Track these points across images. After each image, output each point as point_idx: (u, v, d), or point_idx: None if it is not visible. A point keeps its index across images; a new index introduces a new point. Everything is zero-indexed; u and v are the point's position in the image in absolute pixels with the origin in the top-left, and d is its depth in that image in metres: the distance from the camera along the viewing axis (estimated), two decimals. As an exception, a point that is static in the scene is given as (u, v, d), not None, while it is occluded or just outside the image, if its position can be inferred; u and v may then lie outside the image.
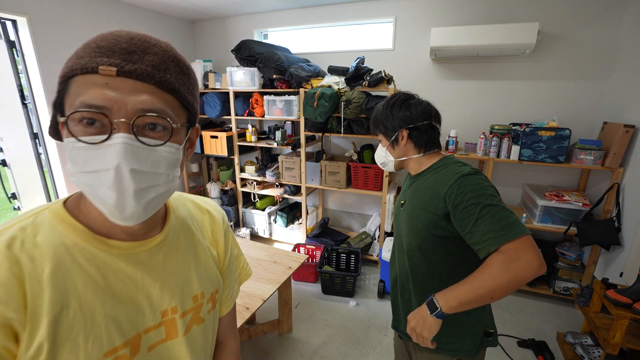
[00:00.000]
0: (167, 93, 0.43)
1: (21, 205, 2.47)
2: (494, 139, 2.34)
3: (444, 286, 0.91)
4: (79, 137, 0.40)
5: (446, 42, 2.35)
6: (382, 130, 1.05)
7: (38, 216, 0.45)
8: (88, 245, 0.45)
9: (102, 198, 0.41)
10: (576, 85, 2.39)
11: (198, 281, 0.56)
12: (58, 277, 0.42)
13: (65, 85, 0.41)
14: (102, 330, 0.43)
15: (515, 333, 2.12)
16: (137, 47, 0.41)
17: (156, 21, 3.20)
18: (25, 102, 2.36)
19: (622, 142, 1.99)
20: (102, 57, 0.39)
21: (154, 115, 0.41)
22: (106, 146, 0.39)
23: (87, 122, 0.40)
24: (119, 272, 0.47)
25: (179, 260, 0.54)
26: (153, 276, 0.50)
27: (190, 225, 0.59)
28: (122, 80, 0.39)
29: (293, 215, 3.34)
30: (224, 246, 0.64)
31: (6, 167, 2.37)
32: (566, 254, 2.36)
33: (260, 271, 1.84)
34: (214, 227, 0.63)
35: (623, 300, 1.55)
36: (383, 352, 1.97)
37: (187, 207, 0.61)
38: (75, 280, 0.43)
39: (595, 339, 1.87)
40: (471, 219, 0.80)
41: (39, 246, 0.42)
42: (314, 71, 2.76)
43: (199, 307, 0.56)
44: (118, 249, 0.47)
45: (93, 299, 0.44)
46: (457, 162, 0.96)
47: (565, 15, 2.30)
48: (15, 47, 2.28)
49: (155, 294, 0.50)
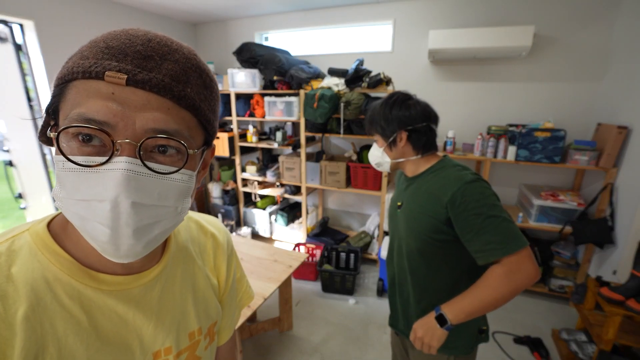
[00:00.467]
0: (185, 110, 0.35)
1: (27, 205, 2.52)
2: (491, 139, 2.38)
3: (442, 286, 0.96)
4: (72, 156, 0.32)
5: (444, 44, 2.39)
6: (379, 130, 1.00)
7: (16, 240, 0.37)
8: (73, 280, 0.37)
9: (93, 233, 0.33)
10: (571, 87, 2.43)
11: (195, 316, 0.49)
12: (34, 319, 0.34)
13: (63, 89, 0.33)
14: None
15: (511, 330, 2.15)
16: (154, 51, 0.34)
17: (159, 24, 3.24)
18: (32, 104, 2.40)
19: (615, 143, 2.03)
20: (110, 61, 0.32)
21: (167, 137, 0.34)
22: (104, 171, 0.32)
23: (84, 139, 0.32)
24: (107, 311, 0.39)
25: (175, 294, 0.47)
26: (146, 314, 0.43)
27: (191, 251, 0.52)
28: (132, 91, 0.32)
29: (293, 215, 3.38)
30: (226, 273, 0.57)
31: (13, 168, 2.42)
32: (561, 252, 2.40)
33: (261, 270, 1.88)
34: (217, 252, 0.56)
35: (616, 298, 1.58)
36: (382, 349, 2.01)
37: (189, 229, 0.54)
38: (54, 322, 0.35)
39: (589, 336, 1.90)
40: (473, 228, 0.82)
41: (13, 281, 0.34)
42: (314, 73, 2.80)
43: (195, 344, 0.49)
44: (108, 285, 0.39)
45: (75, 343, 0.36)
46: (455, 164, 0.95)
47: (560, 18, 2.34)
48: (22, 49, 2.33)
49: (148, 334, 0.43)
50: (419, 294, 1.00)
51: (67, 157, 0.32)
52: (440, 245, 0.92)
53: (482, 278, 0.83)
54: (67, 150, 0.33)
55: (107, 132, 0.32)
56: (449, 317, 0.84)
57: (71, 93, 0.33)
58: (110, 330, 0.39)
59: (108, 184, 0.32)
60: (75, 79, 0.32)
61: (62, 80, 0.33)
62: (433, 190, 0.91)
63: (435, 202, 0.89)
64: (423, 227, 0.92)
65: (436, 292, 0.97)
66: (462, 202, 0.83)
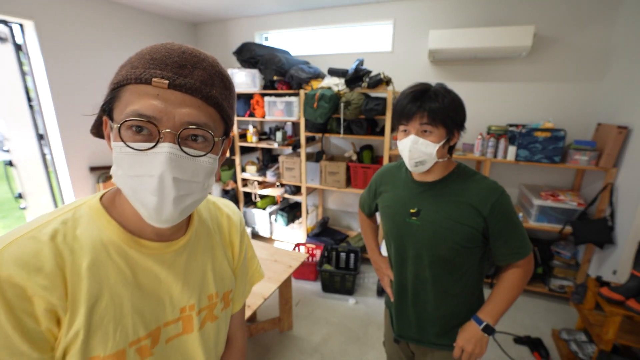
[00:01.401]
0: (211, 107, 0.45)
1: (27, 205, 2.52)
2: (491, 139, 2.38)
3: (461, 291, 0.98)
4: (128, 142, 0.42)
5: (444, 44, 2.39)
6: (448, 123, 0.85)
7: (77, 211, 0.48)
8: (121, 242, 0.48)
9: (144, 201, 0.44)
10: (571, 87, 2.43)
11: (214, 282, 0.59)
12: (94, 270, 0.45)
13: (117, 92, 0.43)
14: (128, 321, 0.47)
15: (512, 330, 2.15)
16: (187, 61, 0.44)
17: (159, 24, 3.24)
18: (32, 104, 2.40)
19: (615, 143, 2.03)
20: (155, 69, 0.42)
21: (198, 128, 0.44)
22: (152, 154, 0.42)
23: (136, 130, 0.42)
24: (146, 270, 0.50)
25: (198, 262, 0.58)
26: (176, 276, 0.53)
27: (210, 227, 0.62)
28: (171, 93, 0.42)
29: (293, 215, 3.38)
30: (239, 248, 0.67)
31: (13, 168, 2.42)
32: (561, 252, 2.40)
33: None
34: (232, 230, 0.66)
35: (616, 298, 1.58)
36: (382, 349, 2.00)
37: (209, 209, 0.65)
38: (108, 274, 0.46)
39: (589, 336, 1.90)
40: (504, 234, 0.91)
41: (78, 240, 0.45)
42: (314, 73, 2.80)
43: (213, 305, 0.59)
44: (147, 249, 0.50)
45: (122, 291, 0.47)
46: (474, 171, 0.96)
47: (560, 18, 2.34)
48: (22, 50, 2.33)
49: (177, 292, 0.53)
50: (439, 301, 0.99)
51: (125, 143, 0.42)
52: (470, 252, 0.93)
53: (507, 280, 0.94)
54: (124, 138, 0.43)
55: (155, 124, 0.42)
56: (492, 324, 0.93)
57: (125, 95, 0.43)
58: (148, 285, 0.50)
59: (156, 163, 0.42)
60: (129, 84, 0.42)
61: (118, 85, 0.43)
62: (466, 200, 0.90)
63: (472, 212, 0.89)
64: (457, 235, 0.90)
65: (454, 297, 0.98)
66: (499, 211, 0.88)
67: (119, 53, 2.88)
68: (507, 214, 0.89)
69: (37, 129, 2.46)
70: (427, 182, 0.96)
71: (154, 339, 0.50)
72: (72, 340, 0.42)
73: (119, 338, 0.46)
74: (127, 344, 0.47)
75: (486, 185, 0.91)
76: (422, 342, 1.04)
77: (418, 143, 0.87)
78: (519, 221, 0.92)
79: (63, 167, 2.56)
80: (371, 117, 2.63)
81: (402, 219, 0.98)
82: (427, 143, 0.86)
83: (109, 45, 2.79)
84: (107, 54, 2.78)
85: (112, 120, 0.44)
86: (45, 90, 2.39)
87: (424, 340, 1.04)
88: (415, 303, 1.02)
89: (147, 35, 3.13)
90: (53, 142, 2.52)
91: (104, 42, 2.75)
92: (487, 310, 0.94)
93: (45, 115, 2.45)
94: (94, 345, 0.44)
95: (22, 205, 2.50)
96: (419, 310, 1.02)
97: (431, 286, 0.98)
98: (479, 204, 0.89)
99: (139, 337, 0.48)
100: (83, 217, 0.48)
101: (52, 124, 2.46)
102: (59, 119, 2.45)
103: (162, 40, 0.47)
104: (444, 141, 0.87)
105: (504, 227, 0.90)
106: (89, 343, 0.43)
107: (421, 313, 1.02)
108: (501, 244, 0.92)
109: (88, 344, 0.43)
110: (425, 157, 0.88)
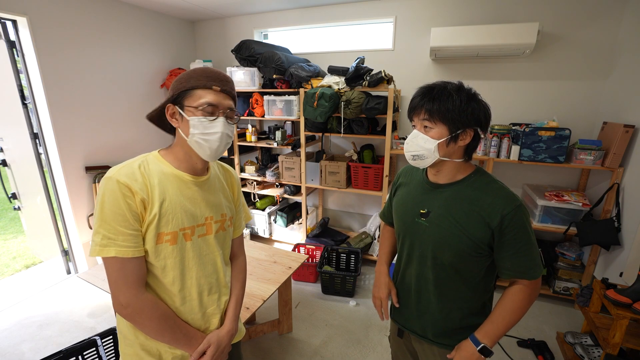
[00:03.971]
0: (233, 100, 0.86)
1: (21, 206, 2.47)
2: (494, 139, 2.34)
3: (466, 295, 0.95)
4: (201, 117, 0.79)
5: (446, 42, 2.35)
6: (448, 119, 0.84)
7: (146, 157, 0.82)
8: (175, 173, 0.83)
9: (211, 146, 0.81)
10: (576, 85, 2.39)
11: (224, 206, 0.93)
12: (161, 184, 0.79)
13: (187, 92, 0.79)
14: (180, 216, 0.80)
15: (515, 333, 2.12)
16: (225, 78, 0.83)
17: (157, 21, 3.20)
18: (26, 102, 2.36)
19: (622, 142, 1.99)
20: (213, 82, 0.80)
21: (233, 110, 0.85)
22: (216, 122, 0.80)
23: (206, 111, 0.79)
24: (189, 189, 0.84)
25: (216, 192, 0.92)
26: (202, 196, 0.87)
27: (219, 174, 0.97)
28: (221, 92, 0.81)
29: (293, 215, 3.34)
30: (237, 193, 1.03)
31: (6, 167, 2.38)
32: (566, 254, 2.37)
33: (260, 271, 1.84)
34: (232, 180, 1.02)
35: (623, 300, 1.55)
36: (383, 351, 1.97)
37: (216, 165, 0.99)
38: (169, 188, 0.80)
39: (595, 339, 1.87)
40: (511, 249, 0.85)
41: (151, 169, 0.80)
42: (314, 71, 2.76)
43: (223, 221, 0.92)
44: (189, 178, 0.85)
45: (176, 198, 0.81)
46: (493, 178, 0.91)
47: (565, 15, 2.30)
48: (16, 47, 2.28)
49: (203, 206, 0.86)
50: (442, 302, 0.97)
51: (204, 116, 0.79)
52: (475, 260, 0.90)
53: (510, 300, 0.89)
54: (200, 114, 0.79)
55: (216, 106, 0.80)
56: (490, 345, 0.89)
57: (197, 93, 0.79)
58: (189, 198, 0.84)
59: (218, 126, 0.81)
60: (198, 88, 0.79)
61: (191, 87, 0.79)
62: (477, 209, 0.86)
63: (481, 223, 0.85)
64: (462, 243, 0.88)
65: (459, 300, 0.96)
66: (509, 224, 0.83)
67: (115, 50, 2.84)
68: (518, 228, 0.83)
69: (32, 128, 2.42)
70: (440, 184, 0.94)
71: (192, 231, 0.84)
72: (152, 220, 0.76)
73: (174, 224, 0.80)
74: (178, 229, 0.80)
75: (502, 196, 0.85)
76: (424, 338, 1.03)
77: (418, 137, 0.89)
78: (533, 241, 0.85)
79: (57, 166, 2.51)
80: (372, 116, 2.59)
81: (412, 219, 0.98)
82: (426, 138, 0.87)
83: (105, 42, 2.74)
84: (103, 51, 2.73)
85: (181, 107, 0.80)
86: (39, 88, 2.34)
87: (425, 336, 1.03)
88: (419, 300, 1.02)
89: (144, 33, 3.08)
90: (48, 141, 2.47)
91: (100, 39, 2.70)
92: (485, 330, 0.90)
93: (40, 114, 2.41)
94: (162, 225, 0.78)
95: (16, 205, 2.46)
96: (422, 308, 1.02)
97: (433, 287, 0.97)
98: (488, 215, 0.84)
99: (184, 226, 0.82)
100: (151, 160, 0.82)
101: (46, 122, 2.41)
102: (53, 117, 2.41)
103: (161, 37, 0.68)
104: (447, 139, 0.85)
105: (512, 242, 0.84)
106: (160, 223, 0.77)
107: (425, 312, 1.01)
108: (505, 258, 0.86)
109: (159, 223, 0.77)
110: (423, 152, 0.88)
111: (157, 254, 0.78)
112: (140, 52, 3.06)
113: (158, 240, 0.77)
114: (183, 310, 0.84)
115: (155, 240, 0.77)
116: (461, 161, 0.91)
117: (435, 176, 0.95)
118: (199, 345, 0.86)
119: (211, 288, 0.90)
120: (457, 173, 0.92)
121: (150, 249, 0.77)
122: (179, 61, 3.50)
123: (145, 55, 3.11)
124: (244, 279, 1.05)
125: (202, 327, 0.89)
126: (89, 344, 1.56)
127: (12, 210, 2.50)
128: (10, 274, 2.84)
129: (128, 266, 0.74)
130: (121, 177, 0.73)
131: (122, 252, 0.72)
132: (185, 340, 0.84)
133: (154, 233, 0.76)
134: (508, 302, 0.89)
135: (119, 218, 0.72)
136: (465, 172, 0.92)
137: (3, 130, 2.43)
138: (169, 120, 0.82)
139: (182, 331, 0.83)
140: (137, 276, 0.76)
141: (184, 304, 0.84)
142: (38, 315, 2.28)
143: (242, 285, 1.03)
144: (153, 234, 0.76)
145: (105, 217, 0.72)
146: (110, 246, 0.72)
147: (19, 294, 2.48)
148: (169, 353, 0.85)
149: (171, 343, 0.83)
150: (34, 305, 2.37)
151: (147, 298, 0.77)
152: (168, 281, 0.81)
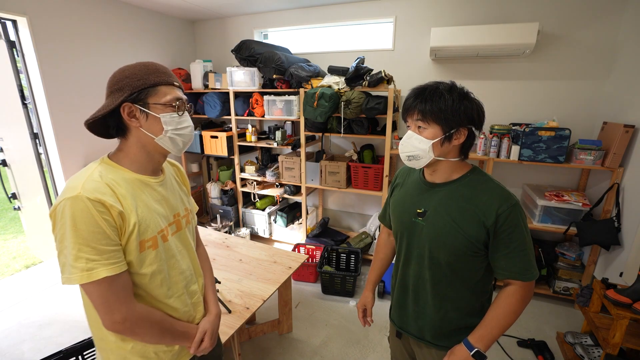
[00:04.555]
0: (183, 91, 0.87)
1: (21, 206, 2.47)
2: (494, 139, 2.34)
3: (463, 295, 0.94)
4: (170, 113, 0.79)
5: (446, 42, 2.35)
6: (441, 119, 0.84)
7: (98, 167, 0.76)
8: (137, 177, 0.80)
9: (184, 140, 0.84)
10: (576, 85, 2.39)
11: (184, 201, 0.97)
12: (129, 192, 0.76)
13: (150, 89, 0.76)
14: (155, 219, 0.80)
15: (515, 333, 2.12)
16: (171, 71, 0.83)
17: (156, 21, 3.20)
18: (26, 102, 2.36)
19: (622, 142, 1.99)
20: (169, 77, 0.80)
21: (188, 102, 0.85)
22: (184, 116, 0.83)
23: (174, 106, 0.79)
24: (155, 192, 0.84)
25: (174, 189, 0.93)
26: (167, 195, 0.88)
27: (171, 171, 0.98)
28: (177, 87, 0.82)
29: (293, 215, 3.34)
30: (188, 185, 1.05)
31: (6, 167, 2.38)
32: (566, 254, 2.36)
33: (260, 271, 1.84)
34: (181, 173, 1.04)
35: (623, 300, 1.55)
36: (383, 352, 1.97)
37: (167, 164, 0.98)
38: (138, 194, 0.78)
39: (595, 339, 1.87)
40: (505, 248, 0.85)
41: (111, 178, 0.74)
42: (314, 71, 2.76)
43: (187, 214, 0.96)
44: (153, 180, 0.84)
45: (148, 202, 0.80)
46: (489, 177, 0.92)
47: (565, 15, 2.30)
48: (15, 47, 2.28)
49: (170, 204, 0.88)
50: (439, 303, 0.97)
51: (176, 112, 0.80)
52: (472, 260, 0.90)
53: (503, 304, 0.88)
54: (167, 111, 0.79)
55: (182, 101, 0.82)
56: (483, 350, 0.89)
57: (161, 89, 0.78)
58: (158, 199, 0.84)
59: (187, 121, 0.84)
60: (161, 84, 0.78)
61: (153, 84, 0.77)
62: (473, 207, 0.86)
63: (477, 222, 0.85)
64: (458, 242, 0.88)
65: (456, 300, 0.96)
66: (504, 223, 0.83)
67: (115, 50, 2.84)
68: (513, 227, 0.83)
69: (32, 128, 2.42)
70: (436, 183, 0.94)
71: (167, 231, 0.84)
72: (132, 230, 0.74)
73: (152, 228, 0.79)
74: (156, 232, 0.80)
75: (497, 195, 0.85)
76: (421, 339, 1.03)
77: (412, 138, 0.89)
78: (528, 241, 0.85)
79: (57, 166, 2.51)
80: (372, 116, 2.59)
81: (409, 219, 0.98)
82: (420, 139, 0.87)
83: (105, 42, 2.74)
84: (103, 51, 2.73)
85: (144, 105, 0.76)
86: (39, 88, 2.34)
87: (422, 338, 1.03)
88: (416, 301, 1.02)
89: (144, 33, 3.08)
90: (48, 141, 2.47)
91: (99, 39, 2.70)
92: (479, 334, 0.90)
93: (40, 114, 2.41)
94: (142, 232, 0.76)
95: (16, 205, 2.46)
96: (419, 308, 1.02)
97: (430, 287, 0.97)
98: (484, 214, 0.84)
99: (161, 228, 0.82)
100: (106, 169, 0.76)
101: (47, 122, 2.41)
102: (53, 117, 2.41)
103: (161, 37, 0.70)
104: (441, 139, 0.85)
105: (506, 241, 0.84)
106: (140, 230, 0.75)
107: (421, 312, 1.01)
108: (499, 257, 0.86)
109: (140, 231, 0.75)
110: (418, 152, 0.89)
111: (141, 262, 0.77)
112: (140, 52, 3.06)
113: (141, 248, 0.76)
114: (176, 307, 0.86)
115: (139, 249, 0.75)
116: (457, 160, 0.91)
117: (432, 176, 0.95)
118: (194, 336, 0.90)
119: (192, 278, 0.94)
120: (453, 172, 0.92)
121: (134, 259, 0.75)
122: (179, 61, 3.50)
123: (145, 55, 3.11)
124: (210, 263, 1.13)
125: (192, 315, 0.92)
126: (89, 344, 1.56)
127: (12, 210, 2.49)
128: (10, 274, 2.84)
129: (118, 282, 0.71)
130: (89, 193, 0.67)
131: (112, 270, 0.69)
132: (184, 336, 0.87)
133: (136, 243, 0.74)
134: (501, 305, 0.88)
135: (99, 237, 0.68)
136: (461, 171, 0.92)
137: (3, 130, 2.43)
138: (127, 120, 0.75)
139: (179, 328, 0.86)
140: (127, 290, 0.74)
141: (175, 301, 0.86)
142: (38, 315, 2.28)
143: (210, 268, 1.11)
144: (135, 244, 0.74)
145: (83, 240, 0.67)
146: (98, 268, 0.68)
147: (19, 294, 2.48)
148: (167, 352, 0.86)
149: (172, 342, 0.86)
150: (34, 305, 2.37)
151: (141, 307, 0.77)
152: (156, 284, 0.81)
